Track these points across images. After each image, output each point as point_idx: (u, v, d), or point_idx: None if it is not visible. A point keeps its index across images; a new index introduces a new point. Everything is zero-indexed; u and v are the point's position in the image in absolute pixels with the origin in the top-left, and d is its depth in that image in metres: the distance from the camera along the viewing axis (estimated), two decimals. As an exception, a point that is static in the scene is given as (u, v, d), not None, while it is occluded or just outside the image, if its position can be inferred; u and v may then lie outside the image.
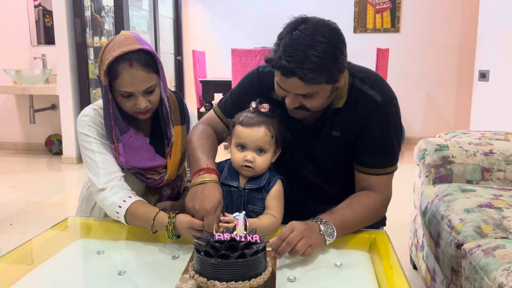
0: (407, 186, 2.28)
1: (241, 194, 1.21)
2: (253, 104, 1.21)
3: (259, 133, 1.17)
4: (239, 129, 1.20)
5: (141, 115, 1.30)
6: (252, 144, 1.18)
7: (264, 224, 1.15)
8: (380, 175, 1.24)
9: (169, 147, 1.37)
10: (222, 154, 1.57)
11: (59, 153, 4.49)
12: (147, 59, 1.24)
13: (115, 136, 1.30)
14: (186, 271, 0.98)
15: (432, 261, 1.54)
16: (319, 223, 1.11)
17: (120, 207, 1.21)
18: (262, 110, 1.20)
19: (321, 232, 1.10)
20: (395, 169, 1.27)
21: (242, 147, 1.20)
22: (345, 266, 1.05)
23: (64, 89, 4.01)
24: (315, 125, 1.27)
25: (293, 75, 1.06)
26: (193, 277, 0.92)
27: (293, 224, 1.08)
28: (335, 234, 1.11)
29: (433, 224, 1.44)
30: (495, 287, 0.98)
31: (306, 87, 1.08)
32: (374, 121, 1.20)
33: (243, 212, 1.04)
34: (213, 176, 1.16)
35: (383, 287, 0.96)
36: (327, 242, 1.10)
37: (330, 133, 1.26)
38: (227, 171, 1.25)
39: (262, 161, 1.19)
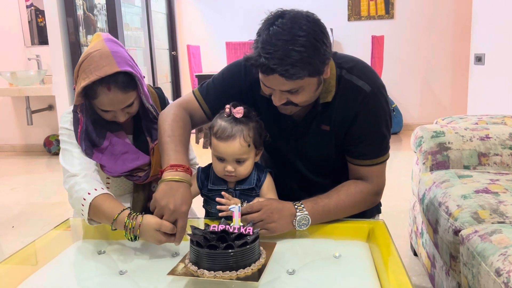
0: (406, 173, 2.29)
1: (232, 195, 1.21)
2: (227, 110, 1.18)
3: (235, 147, 1.15)
4: (215, 142, 1.18)
5: (120, 121, 1.32)
6: (230, 157, 1.17)
7: None
8: (372, 165, 1.24)
9: (153, 143, 1.36)
10: (200, 153, 1.57)
11: (58, 153, 4.50)
12: (125, 81, 1.21)
13: (84, 151, 1.29)
14: (182, 260, 1.00)
15: (431, 248, 1.55)
16: (297, 210, 1.14)
17: (89, 194, 1.17)
18: (237, 115, 1.16)
19: (295, 220, 1.14)
20: (387, 158, 1.27)
21: (221, 159, 1.19)
22: (344, 257, 1.06)
23: (60, 89, 4.00)
24: (305, 120, 1.26)
25: (274, 72, 1.03)
26: (186, 265, 0.95)
27: (265, 204, 1.12)
28: (308, 226, 1.15)
29: (431, 211, 1.45)
30: (492, 272, 0.99)
31: (289, 83, 1.06)
32: (363, 112, 1.19)
33: (239, 204, 1.05)
34: (189, 178, 1.15)
35: (382, 277, 0.97)
36: (297, 229, 1.15)
37: (320, 127, 1.24)
38: (213, 176, 1.25)
39: (243, 169, 1.19)
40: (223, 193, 1.16)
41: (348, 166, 1.28)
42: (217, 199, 1.14)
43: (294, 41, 1.01)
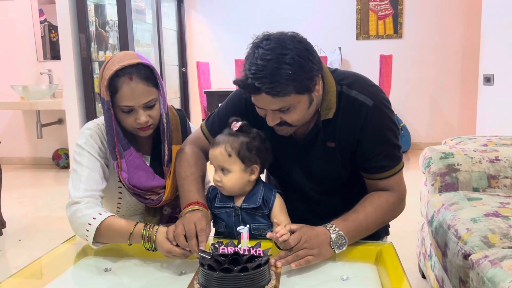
0: (414, 193, 2.26)
1: (238, 213, 1.22)
2: (230, 121, 1.24)
3: (215, 153, 1.20)
4: None
5: (142, 131, 1.30)
6: (214, 163, 1.21)
7: None
8: (390, 176, 1.23)
9: (167, 166, 1.36)
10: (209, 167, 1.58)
11: (67, 167, 4.53)
12: (147, 73, 1.25)
13: (118, 152, 1.29)
14: (191, 284, 0.99)
15: (440, 271, 1.53)
16: (331, 232, 1.12)
17: (94, 218, 1.18)
18: (234, 129, 1.21)
19: (331, 242, 1.11)
20: (403, 165, 1.26)
21: (215, 167, 1.23)
22: (351, 279, 1.05)
23: (71, 103, 4.05)
24: (307, 139, 1.26)
25: (260, 91, 1.05)
26: None
27: (301, 233, 1.09)
28: (346, 244, 1.13)
29: (440, 234, 1.44)
30: (503, 299, 0.97)
31: (277, 101, 1.07)
32: (370, 127, 1.19)
33: (247, 225, 1.05)
34: (203, 208, 1.18)
35: (390, 301, 0.96)
36: (337, 252, 1.11)
37: (325, 144, 1.24)
38: (220, 195, 1.26)
39: (227, 180, 1.20)
40: (275, 220, 1.18)
41: (365, 181, 1.28)
42: (268, 235, 1.10)
43: (278, 59, 1.04)
